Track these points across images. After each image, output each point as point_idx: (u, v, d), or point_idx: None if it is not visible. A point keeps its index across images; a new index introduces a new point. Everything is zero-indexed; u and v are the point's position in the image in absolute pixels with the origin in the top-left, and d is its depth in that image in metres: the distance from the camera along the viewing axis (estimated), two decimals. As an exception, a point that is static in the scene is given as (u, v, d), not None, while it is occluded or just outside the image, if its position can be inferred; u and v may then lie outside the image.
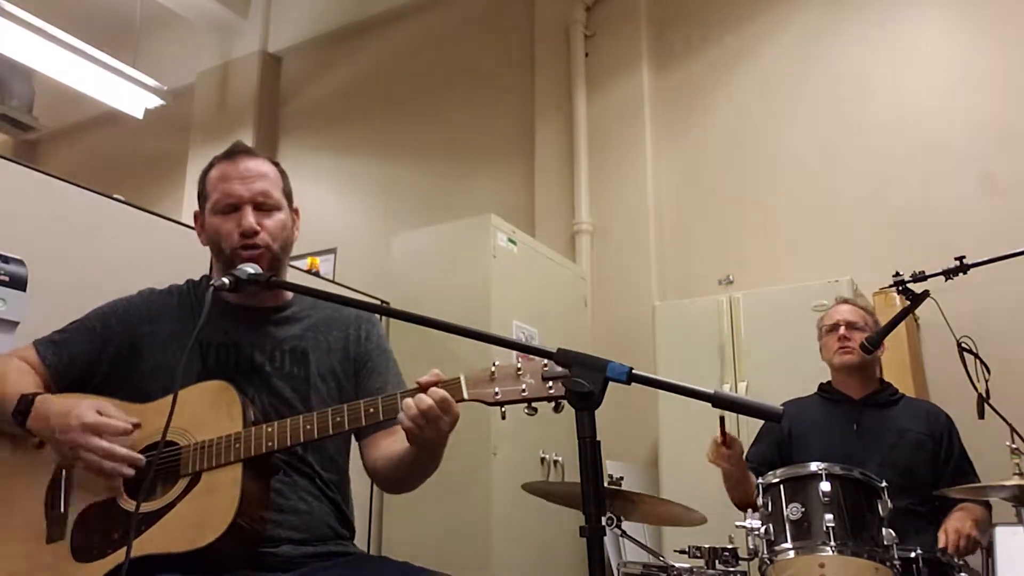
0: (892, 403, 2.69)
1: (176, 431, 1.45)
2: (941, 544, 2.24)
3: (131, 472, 1.41)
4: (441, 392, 1.37)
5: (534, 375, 1.32)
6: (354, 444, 1.74)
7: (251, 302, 1.67)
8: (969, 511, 2.41)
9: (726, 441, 2.45)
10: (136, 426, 1.46)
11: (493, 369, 1.36)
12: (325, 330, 1.71)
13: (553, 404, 1.31)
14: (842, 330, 2.68)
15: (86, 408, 1.45)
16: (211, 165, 1.71)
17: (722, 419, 2.43)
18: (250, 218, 1.62)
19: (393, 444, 1.58)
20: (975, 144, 3.74)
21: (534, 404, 1.33)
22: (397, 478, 1.61)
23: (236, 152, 1.70)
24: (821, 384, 2.81)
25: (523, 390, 1.32)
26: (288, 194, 1.73)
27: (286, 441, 1.43)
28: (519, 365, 1.34)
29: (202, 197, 1.71)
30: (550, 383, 1.30)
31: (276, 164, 1.74)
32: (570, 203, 4.52)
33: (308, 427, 1.43)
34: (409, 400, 1.38)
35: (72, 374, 1.61)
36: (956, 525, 2.30)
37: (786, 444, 2.70)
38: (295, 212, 1.74)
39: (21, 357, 1.61)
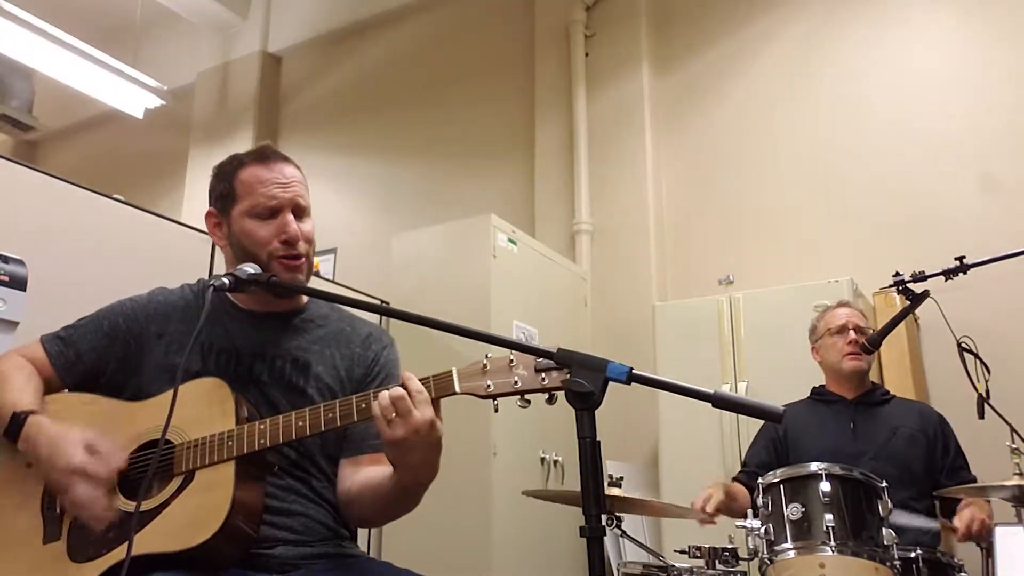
0: (884, 402, 2.72)
1: (170, 429, 1.44)
2: (957, 525, 2.26)
3: (103, 528, 1.39)
4: (414, 383, 1.35)
5: (527, 367, 1.30)
6: None
7: (261, 306, 1.65)
8: (978, 505, 2.42)
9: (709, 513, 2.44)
10: (122, 472, 1.42)
11: (485, 362, 1.34)
12: (333, 345, 1.66)
13: (547, 396, 1.29)
14: (852, 334, 2.68)
15: (75, 444, 1.40)
16: (239, 164, 1.65)
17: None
18: (294, 225, 1.59)
19: (376, 470, 1.54)
20: (975, 144, 3.73)
21: (527, 396, 1.31)
22: (370, 505, 1.54)
23: (270, 155, 1.65)
24: (814, 388, 2.82)
25: (516, 382, 1.30)
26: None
27: (278, 438, 1.42)
28: (511, 357, 1.32)
29: (227, 197, 1.63)
30: (543, 375, 1.28)
31: (299, 169, 1.70)
32: (570, 203, 4.52)
33: (300, 423, 1.42)
34: (383, 391, 1.35)
35: (79, 371, 1.60)
36: (969, 512, 2.32)
37: (782, 445, 2.72)
38: None
39: (27, 355, 1.60)
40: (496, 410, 1.35)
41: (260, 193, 1.60)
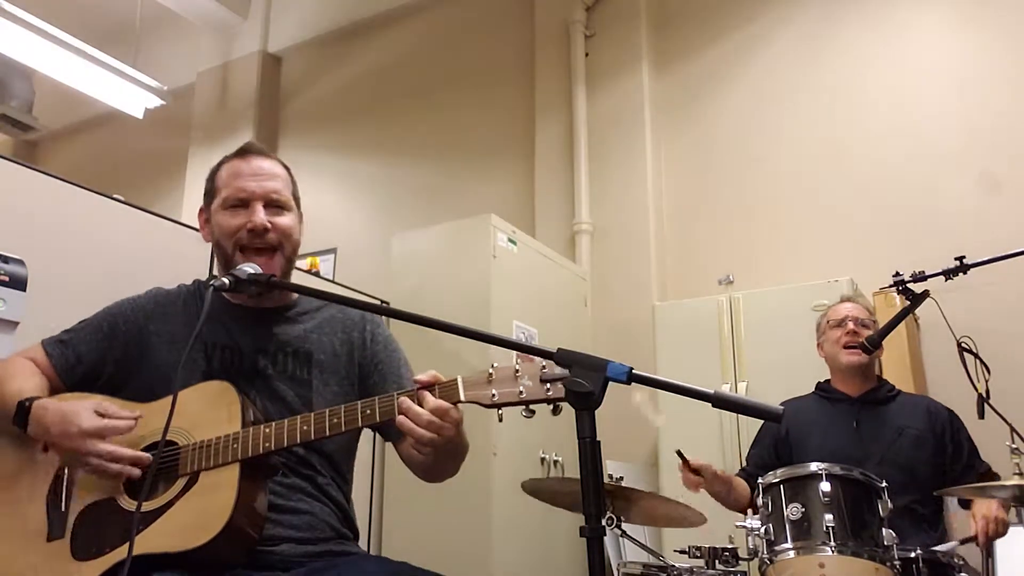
0: (890, 400, 2.68)
1: (176, 431, 1.45)
2: (973, 532, 2.23)
3: (137, 472, 1.41)
4: (434, 402, 1.35)
5: (532, 377, 1.30)
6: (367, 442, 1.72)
7: (254, 302, 1.66)
8: (986, 503, 2.39)
9: (692, 469, 2.46)
10: (138, 418, 1.45)
11: (491, 371, 1.34)
12: (329, 332, 1.69)
13: (551, 407, 1.30)
14: (851, 325, 2.66)
15: (85, 412, 1.44)
16: (221, 163, 1.71)
17: (679, 452, 2.47)
18: (261, 214, 1.62)
19: None
20: (975, 144, 3.73)
21: (532, 406, 1.32)
22: (433, 468, 1.61)
23: (248, 150, 1.70)
24: (819, 383, 2.80)
25: (520, 392, 1.30)
26: (296, 198, 1.73)
27: (283, 442, 1.42)
28: (517, 367, 1.31)
29: (209, 194, 1.70)
30: (548, 385, 1.28)
31: (286, 167, 1.74)
32: (570, 203, 4.52)
33: (305, 428, 1.42)
34: (407, 422, 1.35)
35: (79, 373, 1.61)
36: (983, 511, 2.28)
37: (784, 444, 2.69)
38: (300, 216, 1.73)
39: (29, 357, 1.62)
40: (500, 419, 1.35)
41: (233, 185, 1.65)
